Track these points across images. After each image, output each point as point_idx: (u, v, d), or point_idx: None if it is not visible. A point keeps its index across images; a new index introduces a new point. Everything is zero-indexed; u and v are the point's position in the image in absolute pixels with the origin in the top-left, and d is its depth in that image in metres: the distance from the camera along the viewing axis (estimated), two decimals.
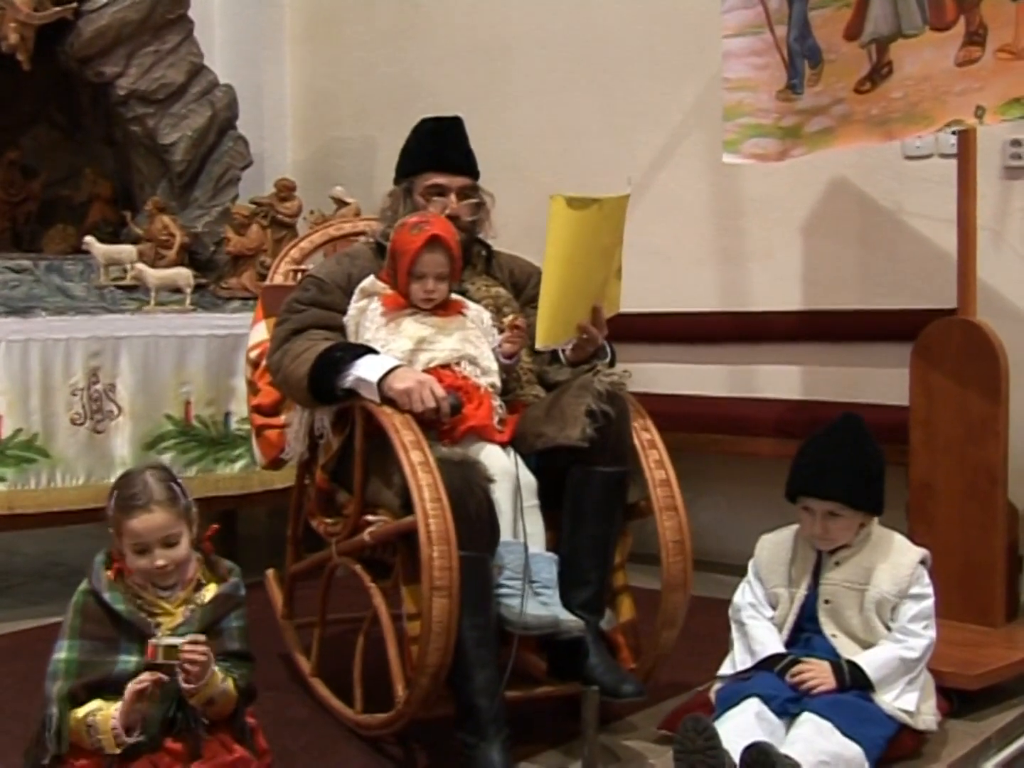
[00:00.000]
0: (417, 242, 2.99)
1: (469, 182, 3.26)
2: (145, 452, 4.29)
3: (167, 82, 5.11)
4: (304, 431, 3.15)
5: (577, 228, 2.87)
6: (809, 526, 2.77)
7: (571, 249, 2.89)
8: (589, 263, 2.97)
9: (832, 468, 2.74)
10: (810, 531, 2.77)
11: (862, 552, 2.78)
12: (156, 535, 2.42)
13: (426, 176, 3.24)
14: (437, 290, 3.01)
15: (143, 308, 4.60)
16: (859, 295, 4.43)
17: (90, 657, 2.37)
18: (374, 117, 5.73)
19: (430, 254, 2.99)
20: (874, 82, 3.49)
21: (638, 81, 4.94)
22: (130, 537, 2.42)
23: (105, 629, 2.39)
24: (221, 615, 2.47)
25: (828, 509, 2.73)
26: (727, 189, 4.69)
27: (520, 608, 2.69)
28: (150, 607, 2.43)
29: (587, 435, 2.84)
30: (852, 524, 2.76)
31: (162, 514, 2.43)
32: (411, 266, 3.00)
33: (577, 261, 2.92)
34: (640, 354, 4.67)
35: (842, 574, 2.77)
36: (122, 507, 2.43)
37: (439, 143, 3.26)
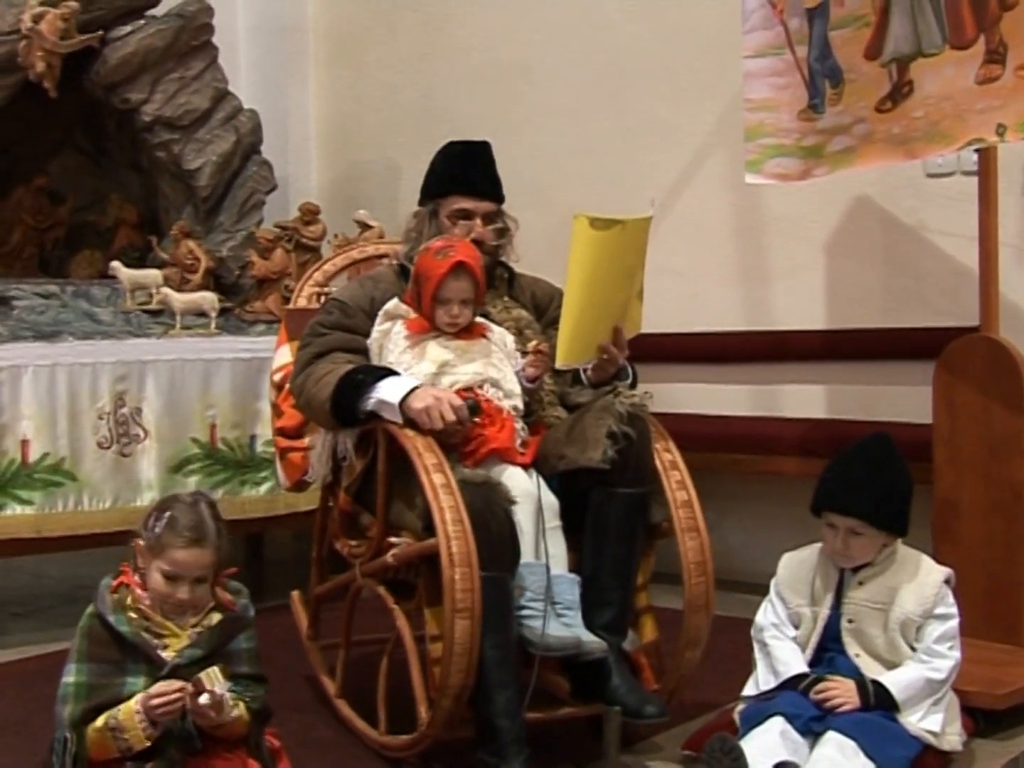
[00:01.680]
0: (442, 268, 3.00)
1: (495, 207, 3.26)
2: (171, 475, 4.32)
3: (192, 108, 5.14)
4: (327, 454, 3.16)
5: (599, 248, 2.87)
6: (831, 542, 2.76)
7: (593, 269, 2.89)
8: (611, 283, 2.97)
9: (857, 485, 2.73)
10: (832, 547, 2.76)
11: (886, 572, 2.76)
12: (195, 572, 2.44)
13: (453, 199, 3.23)
14: (462, 315, 3.02)
15: (169, 332, 4.62)
16: (882, 313, 4.42)
17: (98, 680, 2.38)
18: (397, 140, 5.76)
19: (455, 281, 3.00)
20: (895, 101, 3.49)
21: (659, 102, 4.94)
22: (169, 564, 2.42)
23: (111, 652, 2.40)
24: (230, 637, 2.47)
25: (850, 526, 2.72)
26: (749, 208, 4.69)
27: (542, 629, 2.69)
28: (158, 628, 2.43)
29: (608, 457, 2.85)
30: (874, 543, 2.75)
31: (209, 554, 2.45)
32: (436, 291, 3.00)
33: (599, 281, 2.92)
34: (663, 374, 4.67)
35: (865, 593, 2.75)
36: (175, 533, 2.43)
37: (467, 167, 3.26)
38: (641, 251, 3.05)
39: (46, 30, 4.64)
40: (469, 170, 3.26)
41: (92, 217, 5.56)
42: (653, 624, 3.03)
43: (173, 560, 2.42)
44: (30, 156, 5.40)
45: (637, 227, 2.99)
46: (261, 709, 2.48)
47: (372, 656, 3.22)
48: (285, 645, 3.63)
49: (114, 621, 2.41)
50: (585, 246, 2.85)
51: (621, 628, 2.90)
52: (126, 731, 2.33)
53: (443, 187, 3.27)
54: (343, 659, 3.26)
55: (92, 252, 5.45)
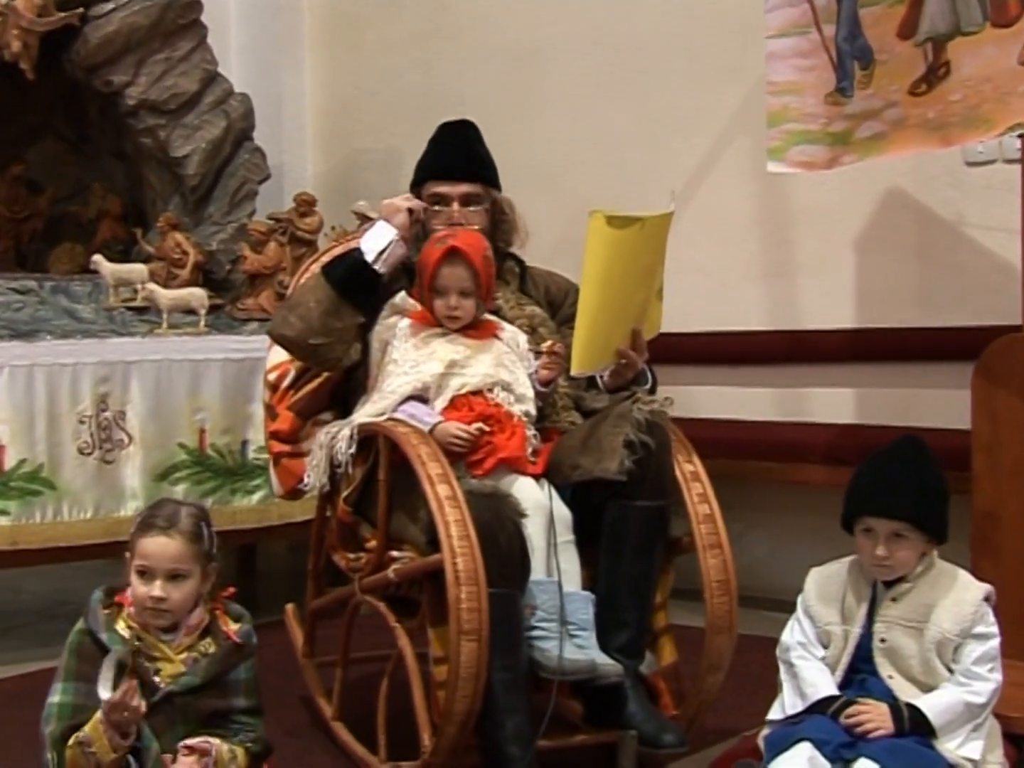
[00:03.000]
0: (436, 254, 3.01)
1: (474, 188, 3.25)
2: (157, 483, 4.31)
3: (179, 91, 5.14)
4: (325, 460, 3.15)
5: (617, 248, 2.86)
6: (870, 551, 2.71)
7: (610, 270, 2.88)
8: (629, 284, 2.97)
9: (898, 486, 2.70)
10: (870, 557, 2.72)
11: (921, 588, 2.74)
12: (164, 563, 2.42)
13: (428, 185, 3.25)
14: (461, 307, 3.01)
15: (155, 331, 4.62)
16: (917, 312, 4.40)
17: (85, 700, 2.37)
18: (399, 126, 5.74)
19: (449, 268, 3.00)
20: (930, 83, 3.47)
21: (677, 86, 4.93)
22: (139, 557, 2.43)
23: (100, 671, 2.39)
24: (229, 666, 2.47)
25: (893, 530, 2.68)
26: (774, 200, 4.68)
27: (555, 652, 2.68)
28: (149, 650, 2.43)
29: (625, 468, 2.84)
30: (915, 550, 2.71)
31: (179, 543, 2.44)
32: (431, 280, 3.02)
33: (616, 283, 2.91)
34: (683, 377, 4.65)
35: (899, 611, 2.73)
36: (142, 524, 2.45)
37: (441, 149, 3.29)
38: (661, 249, 3.05)
39: (22, 7, 4.64)
40: (444, 152, 3.28)
41: (73, 208, 5.56)
42: (672, 646, 3.02)
43: (143, 552, 2.43)
44: (6, 143, 5.40)
45: (656, 224, 2.98)
46: (261, 751, 2.48)
47: (372, 676, 3.22)
48: (279, 664, 3.62)
49: (106, 639, 2.40)
50: (601, 246, 2.84)
51: (638, 650, 2.90)
52: (93, 744, 2.32)
53: (421, 173, 3.30)
54: (341, 679, 3.26)
55: (73, 245, 5.44)
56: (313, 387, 3.33)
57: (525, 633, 2.73)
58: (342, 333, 3.07)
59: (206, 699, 2.42)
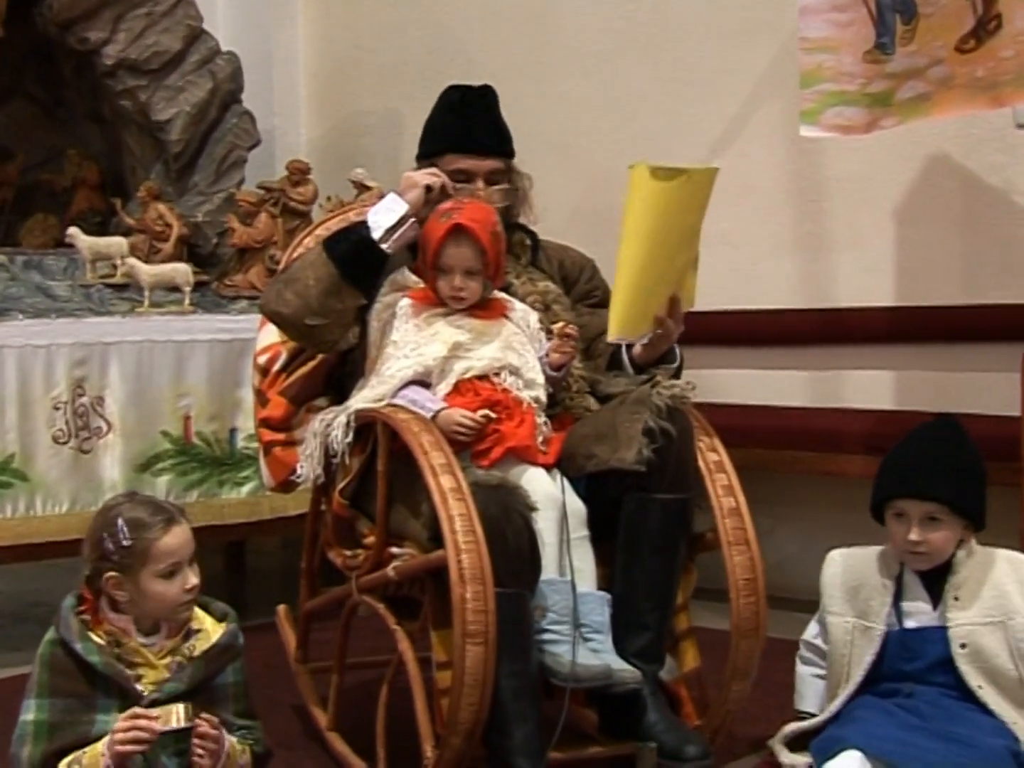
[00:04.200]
0: (439, 231, 3.00)
1: (499, 164, 3.25)
2: (138, 475, 4.32)
3: (161, 50, 5.14)
4: (319, 449, 3.14)
5: (661, 201, 2.84)
6: (902, 536, 2.70)
7: (654, 226, 2.86)
8: (672, 244, 2.94)
9: (933, 466, 2.70)
10: (902, 542, 2.71)
11: (976, 577, 2.71)
12: (189, 549, 2.46)
13: (450, 159, 3.22)
14: (467, 288, 3.00)
15: (135, 309, 4.63)
16: (962, 288, 4.40)
17: (63, 718, 2.37)
18: (401, 88, 5.74)
19: (455, 247, 2.99)
20: (979, 39, 3.46)
21: (701, 43, 4.92)
22: (164, 559, 2.42)
23: (78, 684, 2.39)
24: (216, 670, 2.47)
25: (928, 512, 2.68)
26: (807, 167, 4.67)
27: (568, 656, 2.68)
28: (130, 657, 2.42)
29: (644, 457, 2.83)
30: (952, 536, 2.70)
31: (187, 527, 2.47)
32: (435, 259, 3.01)
33: (659, 240, 2.89)
34: (708, 358, 4.65)
35: (969, 608, 2.69)
36: (146, 527, 2.43)
37: (464, 120, 3.25)
38: (702, 209, 3.01)
39: None
40: (467, 123, 3.25)
41: (46, 176, 5.58)
42: (695, 650, 3.02)
43: (165, 552, 2.42)
44: None
45: (702, 179, 2.96)
46: (264, 753, 2.49)
47: (370, 683, 3.23)
48: (269, 669, 3.64)
49: (82, 649, 2.40)
50: (644, 199, 2.82)
51: (658, 655, 2.90)
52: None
53: (438, 144, 3.27)
54: (336, 686, 3.26)
55: (46, 217, 5.46)
56: (307, 371, 3.33)
57: (535, 636, 2.72)
58: (341, 315, 3.06)
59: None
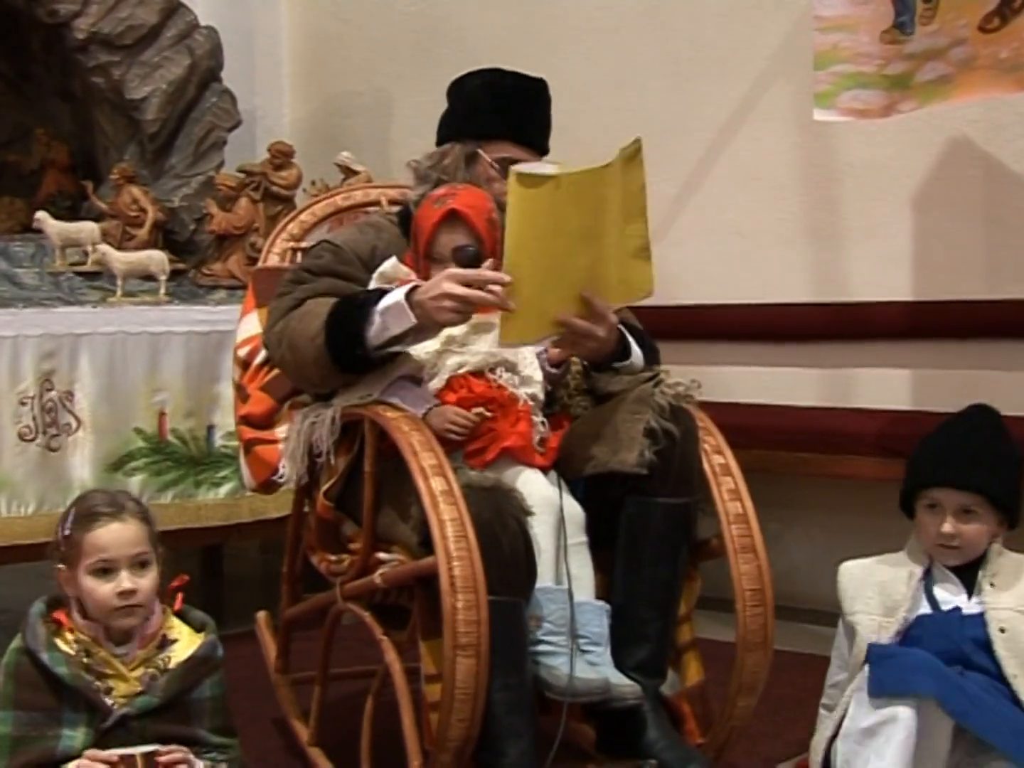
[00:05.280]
0: (434, 217, 3.00)
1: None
2: (110, 474, 4.32)
3: (136, 23, 5.15)
4: (303, 448, 3.15)
5: (531, 208, 2.76)
6: (934, 529, 2.70)
7: (531, 232, 2.78)
8: (559, 248, 2.84)
9: (971, 455, 2.71)
10: (934, 535, 2.71)
11: (1011, 570, 2.71)
12: (126, 550, 2.43)
13: (502, 145, 3.21)
14: None
15: (107, 299, 4.64)
16: (984, 282, 4.40)
17: (27, 732, 2.38)
18: (390, 67, 5.72)
19: (450, 233, 2.99)
20: (1004, 18, 3.47)
21: (709, 20, 4.92)
22: (94, 553, 2.43)
23: (44, 697, 2.40)
24: (192, 683, 2.47)
25: (963, 504, 2.69)
26: (820, 153, 4.68)
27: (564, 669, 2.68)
28: (100, 667, 2.43)
29: (646, 459, 2.83)
30: (984, 530, 2.71)
31: (135, 526, 2.46)
32: (428, 247, 3.01)
33: (542, 247, 2.80)
34: (713, 355, 4.66)
35: (1005, 593, 2.68)
36: (82, 519, 2.45)
37: (524, 108, 3.26)
38: (606, 207, 2.92)
39: None
40: (527, 113, 3.26)
41: (12, 157, 5.58)
42: (698, 663, 3.02)
43: (95, 545, 2.43)
44: None
45: (585, 181, 2.85)
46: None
47: (355, 696, 3.24)
48: (248, 681, 3.63)
49: (48, 660, 2.40)
50: (514, 205, 2.74)
51: (659, 668, 2.90)
52: None
53: (495, 128, 3.23)
54: (319, 698, 3.25)
55: (12, 200, 5.46)
56: None
57: (530, 648, 2.72)
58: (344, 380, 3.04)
59: (167, 722, 2.43)
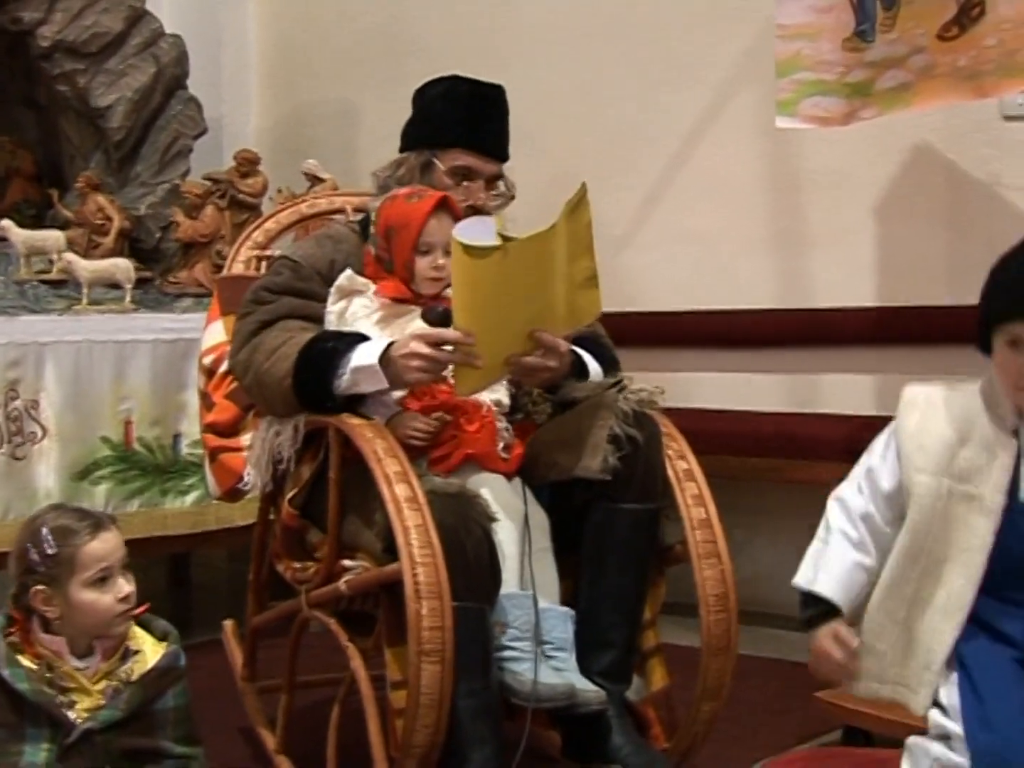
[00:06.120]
0: (426, 207, 3.00)
1: (500, 170, 3.28)
2: (76, 483, 4.31)
3: (101, 31, 5.13)
4: (268, 456, 3.15)
5: (476, 277, 2.77)
6: (1017, 369, 2.20)
7: (477, 299, 2.80)
8: (506, 305, 2.85)
9: None
10: (1018, 376, 2.21)
11: None
12: (119, 555, 2.45)
13: (457, 153, 3.22)
14: (447, 266, 3.00)
15: (73, 307, 4.61)
16: (948, 287, 4.41)
17: None
18: (357, 75, 5.71)
19: (438, 221, 3.01)
20: (962, 26, 3.49)
21: (674, 29, 4.93)
22: (93, 565, 2.42)
23: (5, 714, 2.38)
24: (155, 694, 2.46)
25: None
26: (784, 160, 4.69)
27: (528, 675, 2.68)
28: (62, 682, 2.42)
29: (610, 465, 2.84)
30: None
31: (116, 532, 2.46)
32: (417, 237, 3.01)
33: (488, 308, 2.82)
34: (680, 361, 4.67)
35: None
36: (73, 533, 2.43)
37: (478, 115, 3.26)
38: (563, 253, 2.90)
39: None
40: (481, 120, 3.26)
41: None
42: (663, 669, 3.02)
43: (93, 557, 2.42)
44: None
45: (529, 248, 2.83)
46: None
47: (321, 703, 3.23)
48: (215, 689, 3.62)
49: (9, 675, 2.39)
50: (458, 273, 2.75)
51: (624, 674, 2.90)
52: None
53: (448, 136, 3.25)
54: (286, 706, 3.25)
55: None
56: None
57: (495, 654, 2.73)
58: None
59: (131, 735, 2.42)
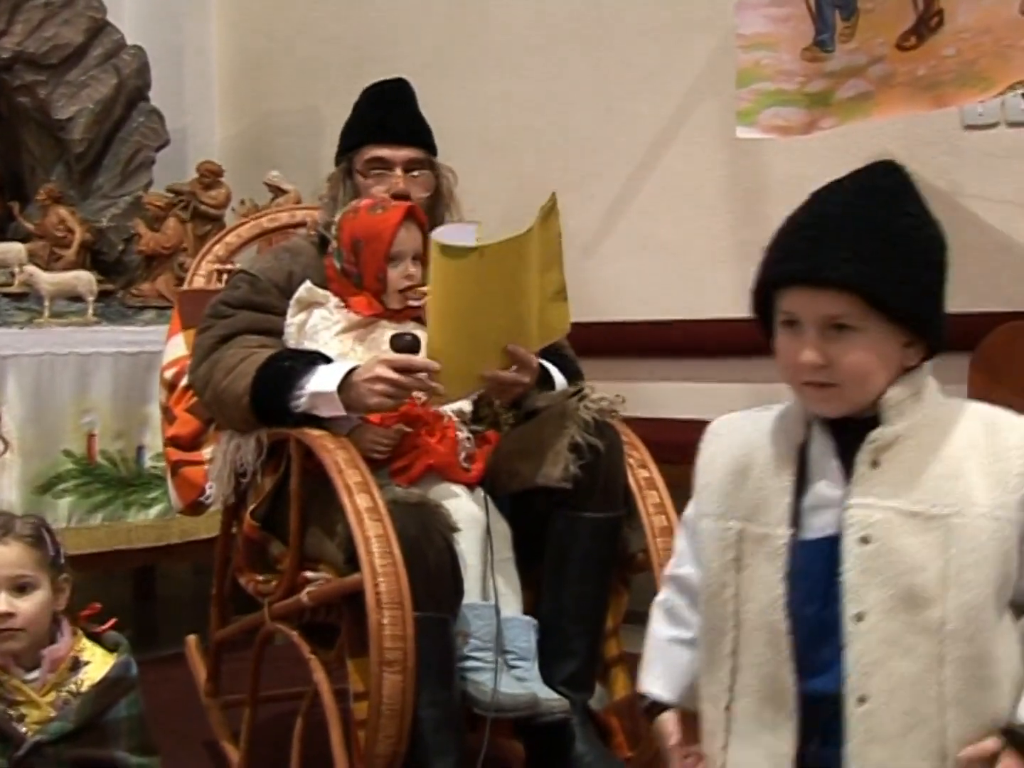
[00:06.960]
0: (395, 218, 3.02)
1: (417, 154, 3.30)
2: (38, 497, 4.30)
3: (62, 42, 5.11)
4: (229, 469, 3.15)
5: (452, 278, 2.79)
6: (792, 357, 1.88)
7: (453, 301, 2.82)
8: (482, 311, 2.87)
9: (835, 234, 1.82)
10: (793, 367, 1.88)
11: (923, 438, 1.84)
12: (4, 571, 2.40)
13: (365, 150, 3.29)
14: (418, 272, 3.03)
15: (35, 320, 4.60)
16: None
17: None
18: (321, 85, 5.72)
19: (406, 230, 3.04)
20: (921, 36, 3.49)
21: (637, 38, 4.93)
22: None
23: None
24: (106, 705, 2.45)
25: (829, 314, 1.81)
26: (746, 170, 4.69)
27: (491, 685, 2.69)
28: (10, 695, 2.41)
29: (571, 474, 2.85)
30: (873, 356, 1.82)
31: (17, 549, 2.42)
32: (389, 248, 3.02)
33: (464, 313, 2.84)
34: (643, 371, 4.66)
35: (886, 481, 1.81)
36: None
37: (379, 110, 3.32)
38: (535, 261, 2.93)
39: None
40: (383, 113, 3.32)
41: None
42: (626, 677, 3.02)
43: None
44: None
45: (507, 250, 2.86)
46: None
47: (285, 716, 3.23)
48: (179, 704, 3.62)
49: None
50: (438, 276, 2.78)
51: (587, 683, 2.91)
52: None
53: (354, 138, 3.34)
54: (249, 720, 3.26)
55: None
56: None
57: (457, 664, 2.73)
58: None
59: (84, 746, 2.41)
